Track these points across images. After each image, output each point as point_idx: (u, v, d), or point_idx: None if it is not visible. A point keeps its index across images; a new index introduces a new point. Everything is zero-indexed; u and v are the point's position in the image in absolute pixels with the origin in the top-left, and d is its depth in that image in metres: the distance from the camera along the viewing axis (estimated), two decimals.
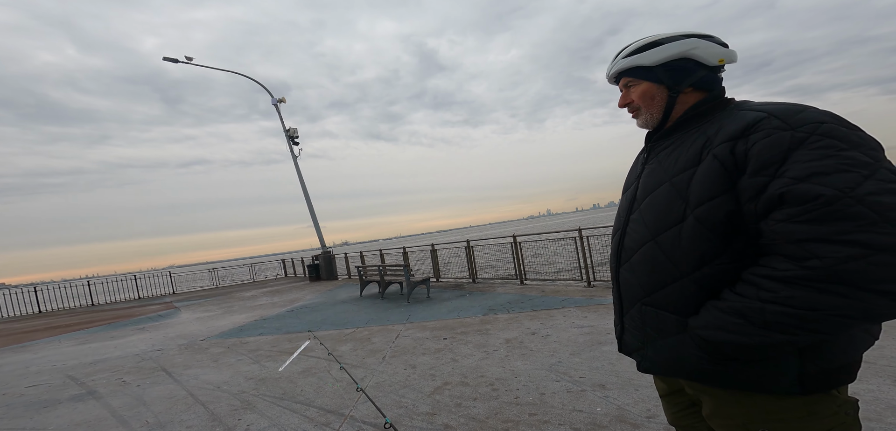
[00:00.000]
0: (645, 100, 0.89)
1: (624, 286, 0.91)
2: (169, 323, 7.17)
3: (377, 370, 3.35)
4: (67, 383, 3.68)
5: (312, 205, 13.71)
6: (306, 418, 2.51)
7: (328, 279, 12.70)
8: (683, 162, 0.79)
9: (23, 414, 2.92)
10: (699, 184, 0.75)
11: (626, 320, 0.92)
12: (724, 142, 0.73)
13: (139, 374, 3.78)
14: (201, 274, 17.64)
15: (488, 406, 2.53)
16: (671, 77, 0.85)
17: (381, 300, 7.20)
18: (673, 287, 0.79)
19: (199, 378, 3.44)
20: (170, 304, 10.58)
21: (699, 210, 0.74)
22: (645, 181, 0.89)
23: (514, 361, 3.26)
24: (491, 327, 4.43)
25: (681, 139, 0.84)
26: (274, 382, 3.24)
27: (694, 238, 0.75)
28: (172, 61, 12.78)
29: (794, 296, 0.63)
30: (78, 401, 3.12)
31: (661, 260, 0.80)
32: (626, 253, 0.90)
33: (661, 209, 0.81)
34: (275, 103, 13.93)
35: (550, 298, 5.58)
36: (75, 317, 9.74)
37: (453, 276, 8.78)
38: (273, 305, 8.12)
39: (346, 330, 5.04)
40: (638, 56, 0.87)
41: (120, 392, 3.24)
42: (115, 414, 2.77)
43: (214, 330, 5.85)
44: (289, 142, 13.81)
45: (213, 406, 2.78)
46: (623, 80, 0.92)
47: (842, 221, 0.60)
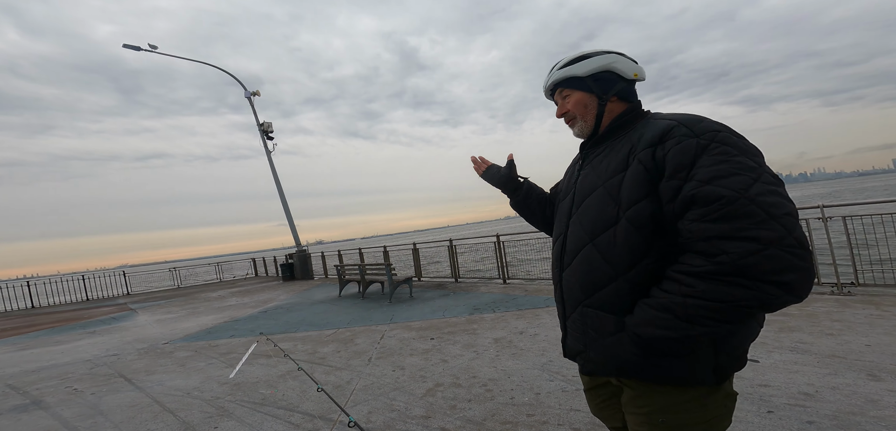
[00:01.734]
0: (579, 109, 0.96)
1: (566, 289, 0.94)
2: (124, 326, 6.56)
3: (364, 372, 3.21)
4: (7, 392, 3.24)
5: (287, 201, 13.15)
6: (291, 424, 2.35)
7: (303, 278, 12.20)
8: (613, 167, 0.86)
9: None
10: (628, 187, 0.81)
11: (568, 324, 0.95)
12: (646, 147, 0.81)
13: (93, 382, 3.40)
14: (160, 274, 16.38)
15: (484, 407, 2.49)
16: (600, 87, 0.94)
17: (362, 300, 6.98)
18: (610, 288, 0.83)
19: (164, 385, 3.13)
20: (124, 306, 9.71)
21: (629, 211, 0.80)
22: (581, 186, 0.95)
23: (506, 361, 3.24)
24: (478, 327, 4.40)
25: (611, 146, 0.91)
26: (251, 387, 3.01)
27: (627, 239, 0.80)
28: (134, 49, 11.85)
29: (709, 290, 0.69)
30: (22, 412, 2.74)
31: (599, 262, 0.85)
32: (568, 256, 0.93)
33: (597, 212, 0.87)
34: (248, 96, 13.27)
35: (535, 297, 5.64)
36: (13, 321, 8.70)
37: (435, 276, 8.71)
38: (244, 306, 7.65)
39: (326, 330, 4.83)
40: (571, 67, 0.96)
41: (71, 401, 2.88)
42: (67, 425, 2.46)
43: (179, 333, 5.41)
44: (263, 136, 13.19)
45: (184, 414, 2.53)
46: (559, 92, 1.00)
47: (740, 219, 0.68)
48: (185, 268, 16.61)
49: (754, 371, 2.44)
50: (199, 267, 16.99)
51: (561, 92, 0.99)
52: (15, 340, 6.06)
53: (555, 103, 1.04)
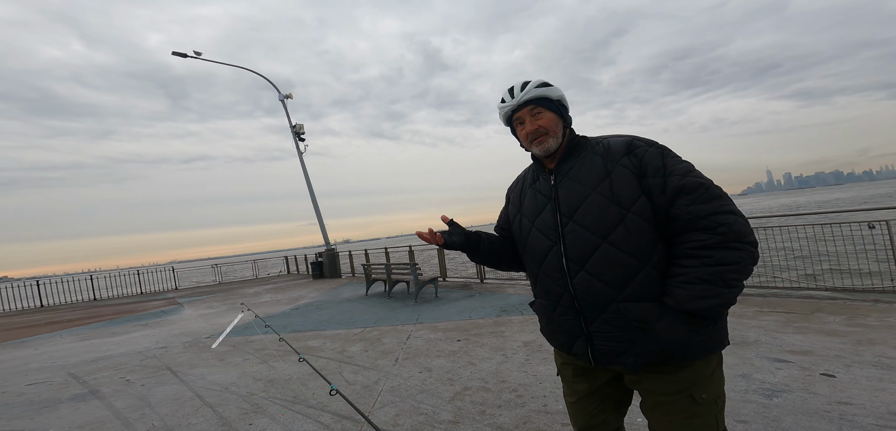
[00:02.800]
0: (552, 126, 1.04)
1: (585, 294, 0.98)
2: (172, 319, 7.05)
3: (391, 373, 3.20)
4: (69, 381, 3.55)
5: (317, 201, 13.58)
6: (321, 424, 2.36)
7: (332, 277, 12.57)
8: (596, 176, 0.98)
9: (22, 414, 2.78)
10: (622, 188, 0.94)
11: (594, 329, 0.98)
12: (624, 156, 0.96)
13: (143, 373, 3.65)
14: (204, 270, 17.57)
15: (515, 414, 2.38)
16: (563, 112, 1.06)
17: (388, 299, 7.05)
18: (640, 277, 0.92)
19: (205, 379, 3.30)
20: (173, 300, 10.47)
21: (635, 206, 0.92)
22: (566, 197, 1.01)
23: (536, 365, 3.11)
24: (506, 329, 4.28)
25: (578, 161, 1.03)
26: (283, 384, 3.09)
27: (639, 231, 0.92)
28: (181, 56, 12.66)
29: (725, 256, 0.86)
30: (80, 401, 2.98)
31: (620, 257, 0.93)
32: (577, 261, 0.97)
33: (600, 214, 0.95)
34: (282, 99, 13.82)
35: None
36: (77, 312, 9.65)
37: (461, 276, 8.63)
38: (277, 302, 7.99)
39: (354, 329, 4.90)
40: (546, 89, 1.04)
41: (124, 392, 3.10)
42: (118, 416, 2.64)
43: (220, 328, 5.72)
44: (295, 138, 13.69)
45: (222, 410, 2.63)
46: (529, 109, 1.05)
47: (719, 198, 0.89)
48: (226, 265, 17.71)
49: (830, 387, 2.16)
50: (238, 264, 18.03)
51: (532, 110, 1.05)
52: (78, 330, 6.69)
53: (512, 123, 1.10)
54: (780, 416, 1.98)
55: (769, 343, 2.90)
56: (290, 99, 14.01)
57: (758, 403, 2.12)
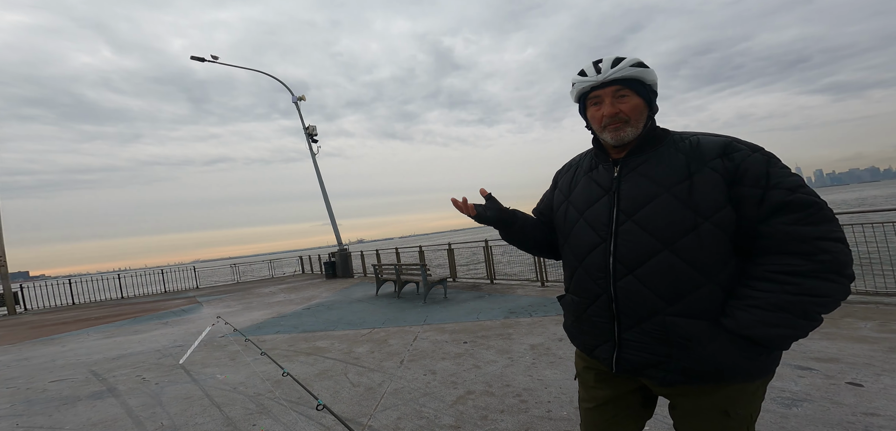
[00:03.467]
0: (636, 114, 0.91)
1: (627, 300, 0.90)
2: (191, 318, 7.29)
3: (395, 375, 3.20)
4: (89, 379, 3.71)
5: (330, 202, 13.79)
6: (323, 426, 2.37)
7: (344, 276, 12.74)
8: (674, 175, 0.87)
9: (41, 412, 2.93)
10: (705, 194, 0.83)
11: (627, 336, 0.92)
12: (715, 158, 0.85)
13: (158, 372, 3.77)
14: (223, 270, 18.15)
15: (517, 420, 2.33)
16: (653, 100, 0.93)
17: (398, 299, 7.08)
18: (700, 293, 0.84)
19: (215, 378, 3.38)
20: (193, 299, 10.84)
21: (715, 216, 0.83)
22: (630, 192, 0.91)
23: (542, 370, 3.04)
24: (513, 331, 4.21)
25: (654, 156, 0.91)
26: (289, 385, 3.13)
27: (715, 243, 0.83)
28: (199, 60, 13.06)
29: (815, 287, 0.77)
30: (97, 399, 3.11)
31: (682, 267, 0.84)
32: (627, 264, 0.89)
33: (669, 218, 0.85)
34: (295, 101, 14.09)
35: None
36: (105, 310, 10.12)
37: (470, 277, 8.58)
38: (290, 302, 8.14)
39: (362, 330, 4.93)
40: (644, 70, 0.90)
41: (138, 391, 3.21)
42: (131, 414, 2.73)
43: (234, 327, 5.87)
44: (308, 139, 13.94)
45: (228, 410, 2.69)
46: (614, 88, 0.92)
47: (829, 223, 0.79)
48: (244, 264, 18.22)
49: (856, 397, 2.02)
50: (256, 263, 18.55)
51: (617, 91, 0.91)
52: (104, 328, 7.01)
53: (585, 100, 0.97)
54: (798, 427, 1.86)
55: (792, 348, 2.73)
56: (304, 101, 14.26)
57: (775, 413, 2.01)
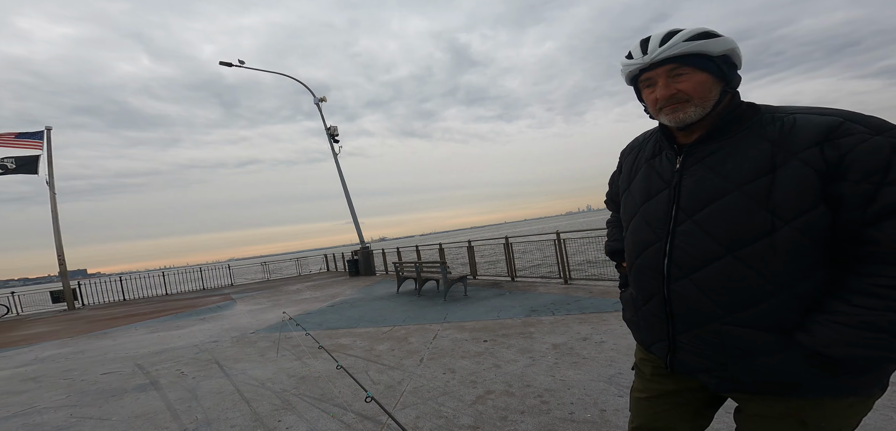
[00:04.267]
0: (701, 92, 0.79)
1: (681, 303, 0.84)
2: (225, 314, 7.71)
3: (415, 373, 3.21)
4: (135, 372, 4.01)
5: (352, 201, 14.11)
6: (344, 423, 2.42)
7: (366, 274, 13.02)
8: (750, 168, 0.75)
9: (92, 403, 3.19)
10: (790, 192, 0.71)
11: (682, 340, 0.86)
12: (811, 146, 0.70)
13: (195, 366, 4.01)
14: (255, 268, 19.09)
15: (538, 421, 2.28)
16: (727, 71, 0.79)
17: (418, 297, 7.13)
18: (769, 304, 0.74)
19: (246, 374, 3.54)
20: (228, 296, 11.46)
21: (799, 220, 0.71)
22: (693, 188, 0.81)
23: (565, 370, 2.95)
24: (535, 330, 4.12)
25: (728, 143, 0.79)
26: (313, 381, 3.23)
27: (794, 250, 0.71)
28: (227, 65, 13.68)
29: None
30: (141, 392, 3.34)
31: (748, 276, 0.75)
32: (682, 268, 0.82)
33: (737, 220, 0.75)
34: (317, 102, 14.47)
35: (600, 300, 5.11)
36: (150, 306, 10.93)
37: (491, 274, 8.50)
38: (315, 299, 8.42)
39: (383, 327, 5.01)
40: (705, 42, 0.77)
41: (177, 385, 3.43)
42: (170, 408, 2.91)
43: (263, 323, 6.15)
44: (330, 139, 14.30)
45: (257, 405, 2.81)
46: (668, 68, 0.80)
47: None
48: (274, 263, 19.07)
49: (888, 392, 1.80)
50: (284, 262, 19.35)
51: (672, 70, 0.80)
52: (149, 323, 7.56)
53: (640, 84, 0.87)
54: None
55: None
56: (325, 102, 14.62)
57: None
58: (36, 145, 13.42)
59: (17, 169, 13.04)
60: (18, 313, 13.07)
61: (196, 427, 2.54)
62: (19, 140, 13.12)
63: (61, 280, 13.77)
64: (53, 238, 14.01)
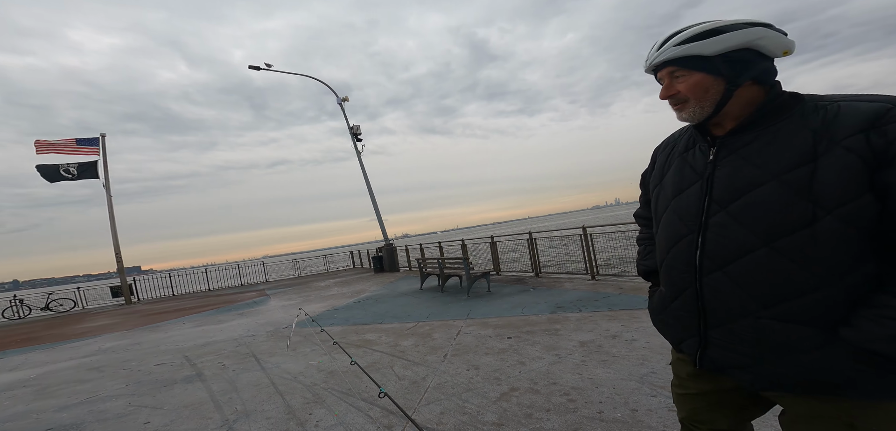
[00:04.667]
0: (697, 93, 0.81)
1: (714, 297, 0.82)
2: (261, 309, 8.16)
3: (439, 369, 3.25)
4: (183, 364, 4.34)
5: (375, 199, 14.41)
6: (369, 418, 2.50)
7: (390, 270, 13.28)
8: (791, 157, 0.73)
9: (148, 392, 3.49)
10: (834, 180, 0.68)
11: (713, 335, 0.84)
12: (855, 133, 0.68)
13: (235, 359, 4.28)
14: (286, 265, 20.04)
15: (564, 419, 2.24)
16: (731, 69, 0.79)
17: (441, 293, 7.18)
18: (811, 297, 0.72)
19: (279, 367, 3.74)
20: (262, 292, 12.11)
21: (842, 209, 0.68)
22: (726, 179, 0.80)
23: (593, 368, 2.87)
24: (560, 327, 4.04)
25: (767, 133, 0.77)
26: (341, 376, 3.35)
27: (838, 241, 0.69)
28: (255, 69, 14.30)
29: None
30: (188, 383, 3.62)
31: (788, 268, 0.73)
32: (716, 260, 0.81)
33: (772, 210, 0.73)
34: (339, 102, 14.84)
35: (631, 297, 4.91)
36: (196, 301, 11.77)
37: (514, 270, 8.40)
38: (342, 295, 8.70)
39: (407, 323, 5.10)
40: (696, 44, 0.79)
41: (219, 377, 3.68)
42: (213, 399, 3.13)
43: (295, 319, 6.45)
44: (353, 138, 14.64)
45: (289, 398, 2.95)
46: (668, 70, 0.84)
47: None
48: (303, 260, 19.92)
49: None
50: (313, 259, 20.16)
51: (673, 71, 0.84)
52: (194, 317, 8.14)
53: (657, 81, 0.89)
54: None
55: None
56: (347, 102, 14.96)
57: None
58: (93, 151, 14.84)
59: (79, 175, 14.48)
60: (84, 307, 14.47)
61: (236, 418, 2.71)
62: (79, 146, 14.59)
63: (119, 276, 15.16)
64: (111, 237, 15.44)
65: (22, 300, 13.96)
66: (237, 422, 2.63)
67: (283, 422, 2.55)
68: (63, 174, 14.27)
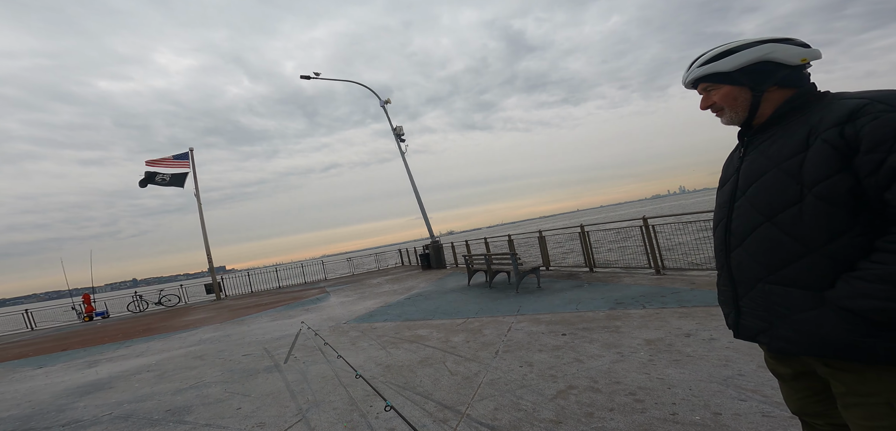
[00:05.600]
0: (728, 102, 0.99)
1: (738, 269, 0.97)
2: (323, 306, 8.86)
3: (491, 365, 3.23)
4: (264, 355, 4.87)
5: (420, 197, 14.75)
6: (426, 412, 2.57)
7: (437, 268, 13.51)
8: (789, 149, 0.87)
9: (238, 380, 3.97)
10: (813, 166, 0.82)
11: (743, 303, 0.98)
12: (832, 127, 0.81)
13: (304, 351, 4.71)
14: (342, 263, 21.49)
15: (631, 420, 2.10)
16: (752, 79, 0.95)
17: (489, 289, 7.13)
18: (801, 263, 0.84)
19: (342, 361, 4.01)
20: (323, 289, 13.13)
21: (817, 188, 0.81)
22: (746, 171, 0.96)
23: (663, 368, 2.65)
24: (622, 324, 3.77)
25: (781, 131, 0.92)
26: (397, 370, 3.49)
27: (817, 214, 0.81)
28: (307, 78, 15.38)
29: None
30: (268, 373, 4.05)
31: (781, 239, 0.86)
32: (736, 237, 0.96)
33: (772, 192, 0.88)
34: (382, 104, 15.41)
35: (706, 292, 4.42)
36: (270, 297, 13.17)
37: (565, 265, 8.02)
38: (394, 292, 9.07)
39: (457, 319, 5.14)
40: (713, 64, 0.98)
41: (293, 368, 4.07)
42: (289, 388, 3.47)
43: (352, 315, 6.89)
44: (397, 139, 15.13)
45: (352, 390, 3.16)
46: (702, 85, 1.03)
47: None
48: (356, 258, 21.18)
49: None
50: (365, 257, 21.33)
51: (705, 86, 1.02)
52: (270, 312, 9.10)
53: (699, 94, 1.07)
54: None
55: None
56: (390, 103, 15.48)
57: None
58: (185, 165, 17.42)
59: (169, 182, 17.12)
60: (186, 302, 17.05)
61: (308, 407, 2.97)
62: (175, 161, 17.28)
63: (210, 275, 17.56)
64: (203, 241, 17.95)
65: (141, 295, 16.87)
66: (309, 411, 2.88)
67: (347, 413, 2.74)
68: (158, 181, 17.04)
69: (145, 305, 16.58)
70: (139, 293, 17.14)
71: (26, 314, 15.69)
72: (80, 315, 15.47)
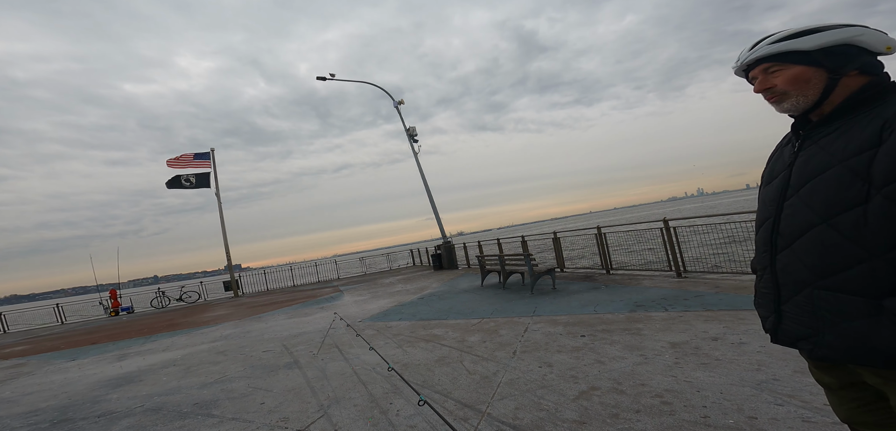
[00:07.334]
0: (797, 85, 0.89)
1: (784, 273, 0.91)
2: (337, 304, 8.97)
3: (509, 365, 3.21)
4: (283, 352, 4.96)
5: (433, 198, 14.78)
6: (445, 410, 2.56)
7: (449, 268, 13.49)
8: (858, 144, 0.80)
9: (259, 376, 4.06)
10: (885, 162, 0.75)
11: (785, 308, 0.92)
12: None
13: (322, 349, 4.77)
14: (354, 263, 21.73)
15: (660, 422, 2.05)
16: (832, 61, 0.87)
17: (503, 290, 7.08)
18: (858, 269, 0.79)
19: (359, 359, 4.06)
20: (337, 288, 13.28)
21: (888, 189, 0.75)
22: (802, 168, 0.89)
23: (691, 371, 2.58)
24: (643, 326, 3.69)
25: (847, 124, 0.85)
26: (415, 368, 3.50)
27: (885, 217, 0.75)
28: (322, 79, 15.62)
29: None
30: (288, 369, 4.12)
31: (839, 242, 0.81)
32: (785, 239, 0.90)
33: (833, 192, 0.82)
34: (396, 105, 15.51)
35: (732, 296, 4.28)
36: (286, 295, 13.41)
37: (581, 266, 7.90)
38: (407, 292, 9.11)
39: (472, 319, 5.13)
40: (795, 41, 0.88)
41: (312, 365, 4.13)
42: (309, 385, 3.52)
43: (367, 313, 6.95)
44: (410, 140, 15.19)
45: (371, 388, 3.18)
46: (762, 66, 0.93)
47: None
48: (369, 258, 21.38)
49: None
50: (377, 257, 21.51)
51: (768, 68, 0.93)
52: (287, 310, 9.27)
53: (747, 79, 0.99)
54: None
55: None
56: (403, 104, 15.56)
57: None
58: (206, 164, 17.90)
59: (195, 185, 17.61)
60: (205, 299, 17.55)
61: (329, 403, 3.00)
62: (196, 160, 17.73)
63: (228, 273, 18.03)
64: (222, 239, 18.44)
65: (164, 292, 17.46)
66: (330, 407, 2.92)
67: (368, 409, 2.76)
68: (184, 183, 17.52)
69: (167, 301, 17.14)
70: (161, 289, 17.73)
71: (57, 308, 16.44)
72: (106, 310, 16.11)
